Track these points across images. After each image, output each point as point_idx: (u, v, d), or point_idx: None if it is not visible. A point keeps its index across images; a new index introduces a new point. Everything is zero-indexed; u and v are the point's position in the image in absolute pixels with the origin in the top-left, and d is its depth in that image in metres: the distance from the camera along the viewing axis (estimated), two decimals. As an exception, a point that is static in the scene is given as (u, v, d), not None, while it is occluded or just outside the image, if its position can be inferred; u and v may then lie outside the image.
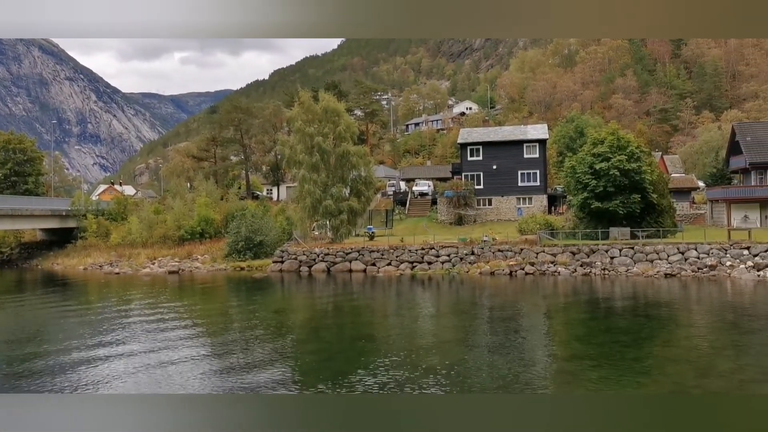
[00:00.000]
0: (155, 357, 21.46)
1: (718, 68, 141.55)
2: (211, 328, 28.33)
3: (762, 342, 22.37)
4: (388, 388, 16.91)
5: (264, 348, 22.90)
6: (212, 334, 26.65)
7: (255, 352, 22.10)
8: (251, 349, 22.63)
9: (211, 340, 25.07)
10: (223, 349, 23.01)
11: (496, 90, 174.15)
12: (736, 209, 57.89)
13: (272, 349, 22.80)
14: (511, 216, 66.97)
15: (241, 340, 24.62)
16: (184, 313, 32.51)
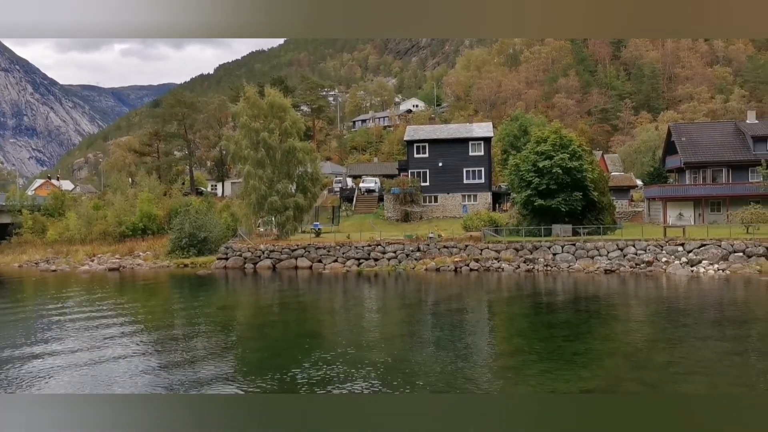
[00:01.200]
0: (91, 355, 20.94)
1: (656, 70, 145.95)
2: (153, 325, 27.76)
3: (694, 335, 23.20)
4: (333, 384, 16.90)
5: (208, 345, 22.59)
6: (154, 331, 26.12)
7: (198, 350, 21.78)
8: (194, 347, 22.29)
9: (153, 338, 24.57)
10: (165, 347, 22.60)
11: (442, 88, 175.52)
12: (671, 207, 59.85)
13: (216, 346, 22.51)
14: (456, 213, 67.68)
15: (185, 337, 24.21)
16: (124, 311, 31.76)
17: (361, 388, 16.59)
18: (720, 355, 19.60)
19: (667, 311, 28.83)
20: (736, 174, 60.28)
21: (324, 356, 20.43)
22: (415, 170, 70.15)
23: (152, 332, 25.92)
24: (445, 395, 15.62)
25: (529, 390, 16.24)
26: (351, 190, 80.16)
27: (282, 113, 55.42)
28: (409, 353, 21.05)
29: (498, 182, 76.87)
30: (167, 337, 24.63)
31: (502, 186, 73.20)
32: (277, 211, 53.98)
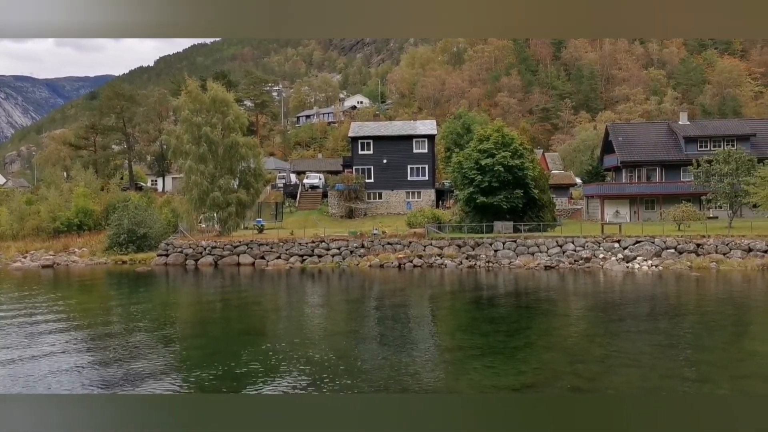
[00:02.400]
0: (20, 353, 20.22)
1: (594, 71, 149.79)
2: (88, 323, 26.96)
3: (629, 329, 23.93)
4: (276, 382, 16.78)
5: (147, 343, 22.11)
6: (90, 329, 25.38)
7: (137, 348, 21.29)
8: (133, 345, 21.78)
9: (88, 336, 23.87)
10: (100, 345, 21.99)
11: (387, 85, 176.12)
12: (609, 205, 61.56)
13: (155, 344, 22.05)
14: (400, 210, 68.02)
15: (122, 335, 23.62)
16: (58, 309, 30.76)
17: (304, 385, 16.51)
18: (653, 348, 20.26)
19: (604, 306, 29.65)
20: (669, 173, 62.46)
21: (266, 353, 20.26)
22: (359, 167, 70.18)
23: (87, 330, 25.19)
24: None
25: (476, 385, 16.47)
26: (295, 186, 79.69)
27: (225, 108, 54.64)
28: (353, 349, 21.08)
29: (441, 179, 77.59)
30: (103, 334, 23.97)
31: (446, 183, 73.91)
32: (219, 207, 53.22)
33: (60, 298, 35.59)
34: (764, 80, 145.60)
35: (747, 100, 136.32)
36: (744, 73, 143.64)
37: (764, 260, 40.11)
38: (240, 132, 55.11)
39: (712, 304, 29.24)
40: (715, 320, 25.28)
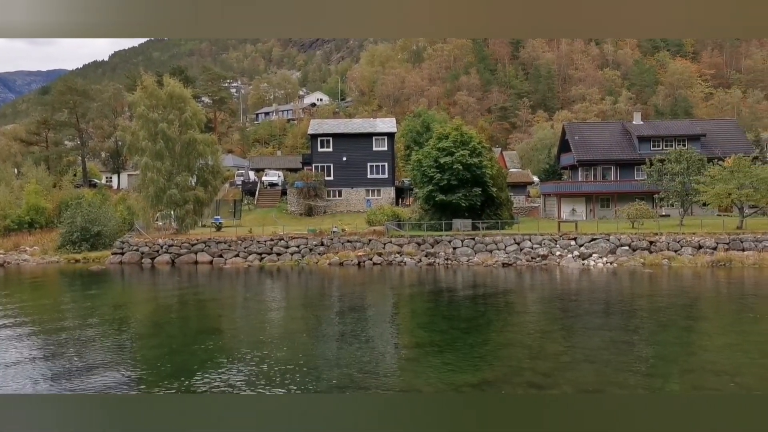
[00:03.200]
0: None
1: (551, 71, 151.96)
2: (39, 323, 26.32)
3: (584, 325, 24.39)
4: (234, 381, 16.63)
5: (101, 344, 21.68)
6: (41, 330, 24.78)
7: (90, 349, 20.86)
8: (86, 346, 21.33)
9: (40, 338, 23.31)
10: (53, 346, 21.48)
11: (346, 82, 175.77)
12: (565, 203, 62.56)
13: (110, 345, 21.64)
14: (360, 207, 68.04)
15: (75, 336, 23.12)
16: (7, 309, 29.95)
17: (263, 385, 16.41)
18: (607, 344, 20.68)
19: (560, 303, 30.14)
20: (624, 172, 63.74)
21: (225, 353, 20.08)
22: (319, 164, 69.98)
23: (38, 330, 24.59)
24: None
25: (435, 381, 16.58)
26: (253, 184, 79.03)
27: (182, 104, 53.91)
28: (312, 348, 21.03)
29: (401, 177, 77.83)
30: (55, 335, 23.42)
31: (405, 181, 74.20)
32: (177, 204, 52.51)
33: (11, 299, 34.66)
34: (714, 82, 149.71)
35: (698, 101, 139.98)
36: (695, 75, 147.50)
37: (713, 257, 41.24)
38: (198, 129, 54.42)
39: (663, 300, 29.97)
40: (666, 316, 25.92)
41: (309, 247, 47.71)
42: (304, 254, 47.32)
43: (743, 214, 47.97)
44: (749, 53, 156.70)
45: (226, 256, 47.91)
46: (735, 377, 16.57)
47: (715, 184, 47.36)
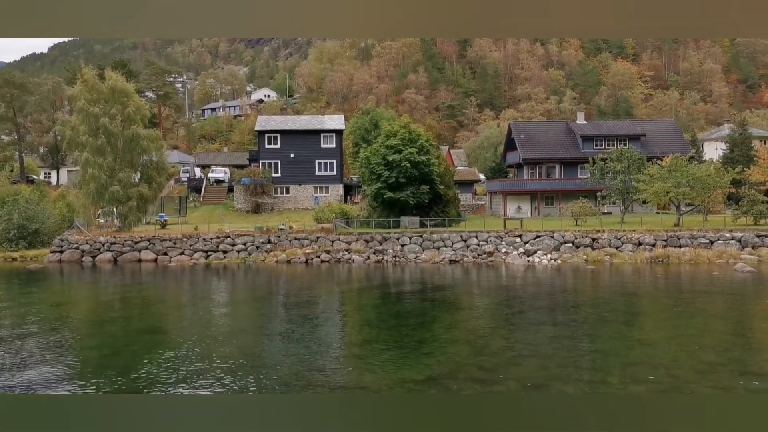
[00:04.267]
0: None
1: (498, 70, 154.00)
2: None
3: (529, 321, 24.83)
4: (178, 381, 16.35)
5: (39, 344, 21.00)
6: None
7: (28, 350, 20.19)
8: (23, 346, 20.64)
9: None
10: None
11: (294, 79, 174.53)
12: (511, 201, 63.51)
13: (49, 345, 20.98)
14: (308, 205, 67.72)
15: (12, 336, 22.34)
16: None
17: (208, 384, 16.18)
18: (551, 339, 21.10)
19: (506, 299, 30.60)
20: (568, 170, 65.07)
21: (169, 352, 19.71)
22: (266, 161, 69.34)
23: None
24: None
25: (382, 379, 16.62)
26: (199, 180, 77.82)
27: (124, 98, 52.60)
28: (259, 346, 20.84)
29: (349, 174, 77.74)
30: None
31: (354, 178, 74.16)
32: (119, 201, 51.26)
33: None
34: (653, 83, 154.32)
35: (638, 101, 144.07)
36: (635, 76, 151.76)
37: (652, 254, 42.50)
38: (141, 124, 53.21)
39: (605, 296, 30.76)
40: (608, 311, 26.60)
41: (256, 244, 47.24)
42: (251, 252, 46.83)
43: (680, 212, 49.53)
44: (686, 56, 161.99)
45: (171, 254, 47.04)
46: (671, 370, 17.12)
47: (654, 183, 48.76)
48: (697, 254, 41.92)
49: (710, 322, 24.16)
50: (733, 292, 30.80)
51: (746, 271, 36.71)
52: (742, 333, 22.16)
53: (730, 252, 41.80)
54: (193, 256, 46.73)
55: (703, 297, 29.97)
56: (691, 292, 31.95)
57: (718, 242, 43.13)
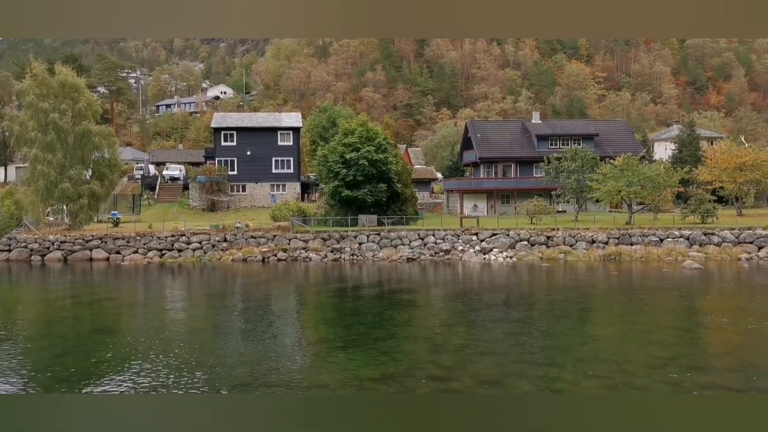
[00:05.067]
0: None
1: (455, 70, 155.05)
2: None
3: (485, 318, 25.11)
4: (131, 382, 16.06)
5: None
6: None
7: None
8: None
9: None
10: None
11: (251, 76, 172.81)
12: (467, 199, 64.07)
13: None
14: (265, 203, 67.18)
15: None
16: None
17: (162, 384, 15.94)
18: (507, 336, 21.37)
19: (462, 296, 30.87)
20: (523, 169, 65.95)
21: (121, 353, 19.35)
22: (222, 158, 68.57)
23: None
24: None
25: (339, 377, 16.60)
26: (154, 178, 76.50)
27: (75, 94, 51.33)
28: (215, 346, 20.60)
29: (307, 172, 77.39)
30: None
31: (311, 176, 73.83)
32: (70, 199, 50.00)
33: None
34: (606, 84, 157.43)
35: (591, 102, 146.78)
36: (589, 77, 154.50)
37: (605, 251, 43.37)
38: (93, 120, 52.02)
39: (559, 293, 31.28)
40: (561, 308, 27.07)
41: (212, 243, 46.66)
42: (206, 250, 46.24)
43: (632, 210, 50.65)
44: (638, 58, 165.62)
45: (124, 252, 46.13)
46: (622, 365, 17.52)
47: (607, 182, 49.72)
48: (647, 252, 42.92)
49: (659, 318, 24.79)
50: (681, 289, 31.64)
51: (694, 268, 37.75)
52: (689, 329, 22.80)
53: (679, 249, 42.91)
54: (147, 255, 45.92)
55: (653, 293, 30.72)
56: (642, 288, 32.71)
57: (668, 240, 44.23)
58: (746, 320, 23.51)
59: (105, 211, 57.38)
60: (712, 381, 15.84)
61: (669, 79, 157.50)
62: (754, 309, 26.23)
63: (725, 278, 35.56)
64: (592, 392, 14.66)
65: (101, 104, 61.78)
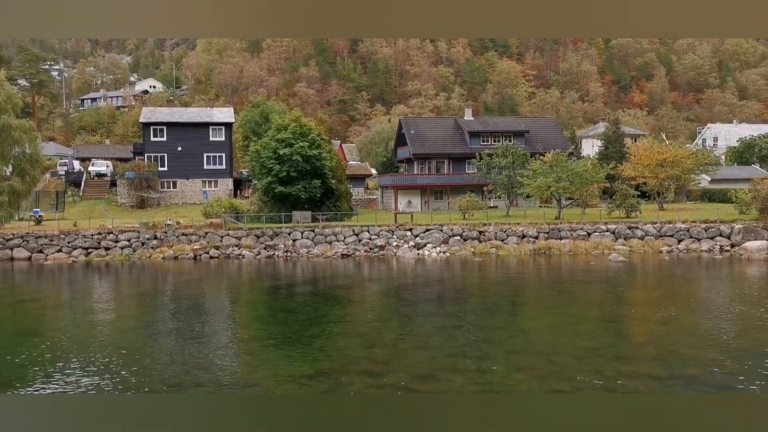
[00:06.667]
0: None
1: (389, 66, 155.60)
2: None
3: (418, 313, 25.35)
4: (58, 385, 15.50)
5: None
6: None
7: None
8: None
9: None
10: None
11: (181, 70, 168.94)
12: (402, 195, 64.49)
13: None
14: (196, 199, 65.92)
15: None
16: None
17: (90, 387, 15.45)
18: (440, 330, 21.64)
19: (397, 292, 31.08)
20: (456, 165, 66.85)
21: (45, 355, 18.64)
22: (151, 154, 66.88)
23: None
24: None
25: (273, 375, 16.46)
26: (79, 174, 73.86)
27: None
28: (145, 346, 20.10)
29: (239, 168, 76.31)
30: None
31: (244, 172, 72.86)
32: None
33: None
34: (536, 82, 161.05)
35: (522, 99, 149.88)
36: (519, 75, 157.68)
37: (535, 246, 44.42)
38: (13, 114, 49.79)
39: (491, 287, 31.87)
40: (493, 302, 27.61)
41: (141, 240, 45.45)
42: (135, 248, 45.02)
43: (561, 205, 52.03)
44: (566, 57, 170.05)
45: (47, 251, 44.44)
46: (551, 356, 18.01)
47: (537, 178, 50.91)
48: (576, 245, 44.18)
49: (587, 310, 25.59)
50: (607, 281, 32.74)
51: (619, 260, 39.10)
52: (614, 320, 23.61)
53: (605, 243, 44.35)
54: (71, 254, 44.37)
55: (581, 286, 31.68)
56: (570, 281, 33.68)
57: (595, 234, 45.64)
58: (668, 310, 24.52)
59: (26, 208, 55.08)
60: (635, 370, 16.46)
61: (595, 78, 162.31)
62: (674, 299, 27.39)
63: (648, 270, 36.99)
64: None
65: (22, 97, 59.30)
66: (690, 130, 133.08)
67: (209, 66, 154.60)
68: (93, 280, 37.42)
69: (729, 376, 15.67)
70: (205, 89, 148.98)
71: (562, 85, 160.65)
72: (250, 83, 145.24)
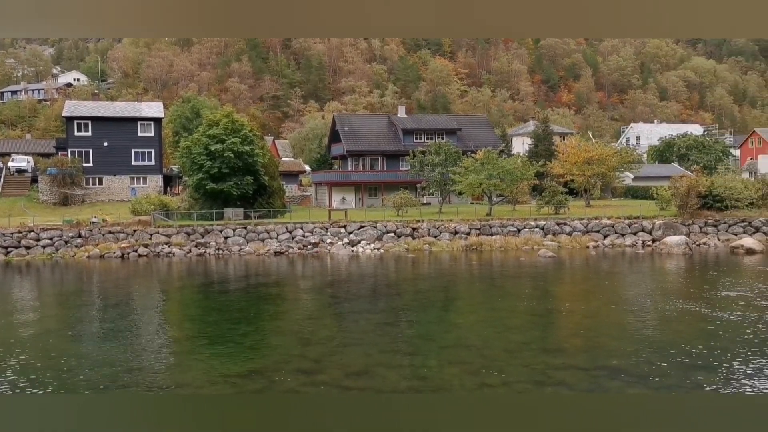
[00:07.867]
0: None
1: (322, 62, 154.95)
2: None
3: (352, 310, 25.38)
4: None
5: None
6: None
7: None
8: None
9: None
10: None
11: (107, 62, 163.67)
12: (336, 192, 64.32)
13: None
14: (124, 196, 64.04)
15: None
16: None
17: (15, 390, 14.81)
18: (374, 326, 21.72)
19: (330, 288, 31.01)
20: (390, 162, 67.07)
21: (-40, 361, 17.77)
22: (76, 149, 64.54)
23: None
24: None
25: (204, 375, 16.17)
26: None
27: None
28: (70, 348, 19.40)
29: (169, 165, 74.58)
30: None
31: (174, 169, 71.22)
32: None
33: None
34: (468, 81, 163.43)
35: (454, 97, 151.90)
36: (452, 73, 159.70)
37: (467, 242, 45.09)
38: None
39: (424, 283, 32.16)
40: (426, 297, 27.89)
41: (64, 239, 43.83)
42: (58, 247, 43.37)
43: (492, 202, 52.96)
44: (497, 56, 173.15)
45: (-36, 251, 42.34)
46: (483, 350, 18.35)
47: (469, 175, 51.66)
48: (506, 242, 45.06)
49: (517, 304, 26.15)
50: (536, 276, 33.54)
51: (548, 256, 40.12)
52: (543, 314, 24.22)
53: (535, 239, 45.40)
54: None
55: (511, 281, 32.35)
56: (501, 277, 34.36)
57: (525, 230, 46.66)
58: (593, 304, 25.32)
59: (-60, 206, 52.39)
60: (563, 362, 16.93)
61: (525, 77, 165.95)
62: (599, 293, 28.31)
63: (575, 265, 38.09)
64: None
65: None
66: (614, 129, 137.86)
67: (137, 59, 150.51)
68: (13, 280, 35.90)
69: (651, 367, 16.30)
70: (132, 83, 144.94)
71: (494, 83, 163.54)
72: (180, 78, 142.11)
